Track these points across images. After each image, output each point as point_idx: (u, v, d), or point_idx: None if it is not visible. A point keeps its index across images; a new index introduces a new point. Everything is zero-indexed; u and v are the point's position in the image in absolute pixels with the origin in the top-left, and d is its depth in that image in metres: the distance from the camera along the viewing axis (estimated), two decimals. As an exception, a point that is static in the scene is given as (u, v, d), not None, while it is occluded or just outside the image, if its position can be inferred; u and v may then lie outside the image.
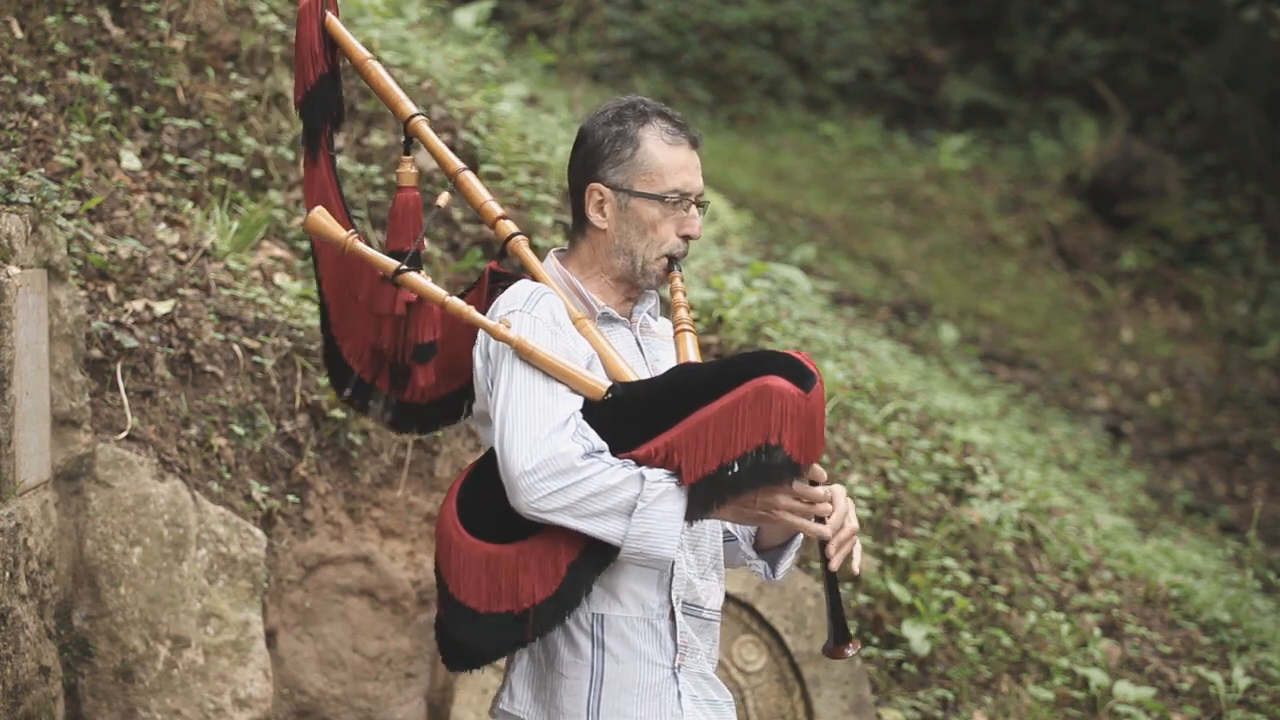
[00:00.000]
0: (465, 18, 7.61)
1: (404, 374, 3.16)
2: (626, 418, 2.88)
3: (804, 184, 12.22)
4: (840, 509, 2.94)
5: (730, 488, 2.85)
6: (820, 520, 2.93)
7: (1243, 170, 13.42)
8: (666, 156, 3.04)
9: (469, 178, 3.20)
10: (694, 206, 3.07)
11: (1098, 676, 5.34)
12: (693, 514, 2.87)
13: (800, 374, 2.86)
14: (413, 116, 3.21)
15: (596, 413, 2.89)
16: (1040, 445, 8.18)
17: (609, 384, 2.91)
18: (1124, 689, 5.34)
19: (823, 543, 2.95)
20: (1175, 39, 14.15)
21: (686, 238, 3.07)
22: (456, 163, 3.21)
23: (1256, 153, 13.39)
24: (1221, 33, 13.69)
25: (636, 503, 2.82)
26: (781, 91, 13.94)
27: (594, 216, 3.06)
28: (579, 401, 2.89)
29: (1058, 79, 14.46)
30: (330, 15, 3.22)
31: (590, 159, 3.07)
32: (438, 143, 3.21)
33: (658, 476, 2.84)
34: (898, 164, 13.17)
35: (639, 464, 2.84)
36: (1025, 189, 13.17)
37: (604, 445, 2.85)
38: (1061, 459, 8.28)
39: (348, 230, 3.08)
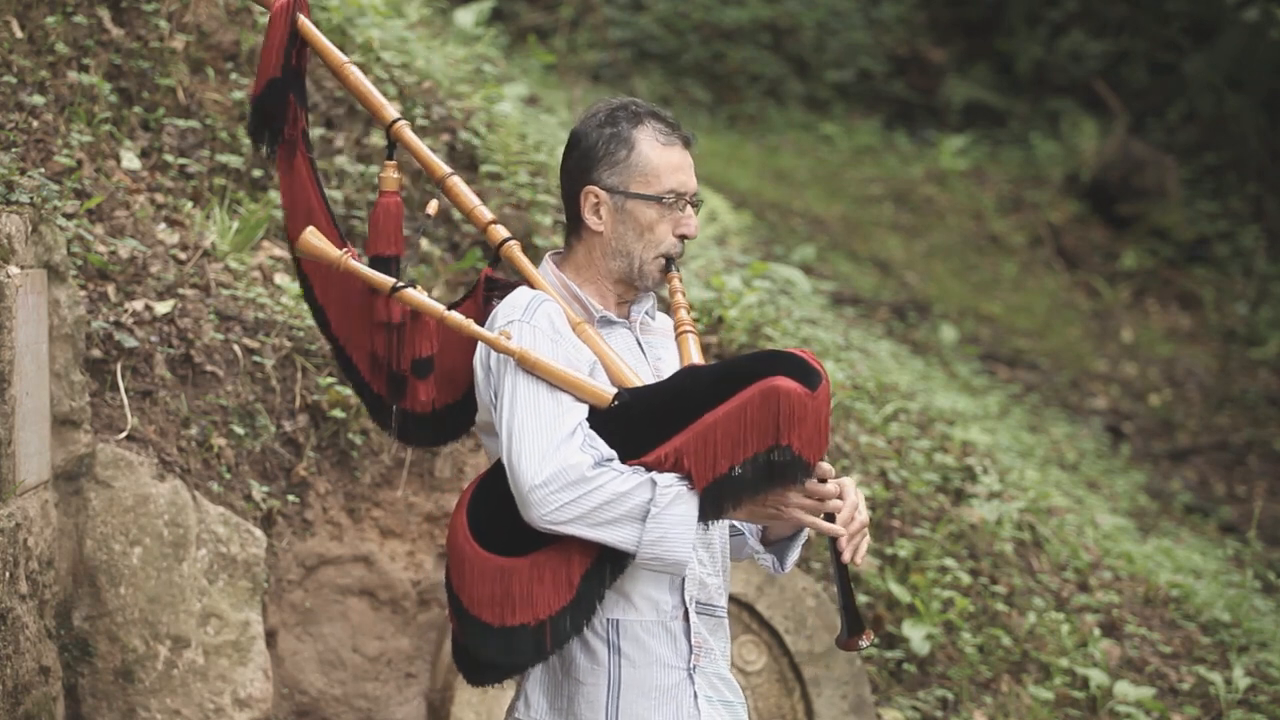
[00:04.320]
0: (465, 18, 7.61)
1: (401, 382, 3.14)
2: (634, 424, 2.88)
3: (804, 184, 12.21)
4: (850, 501, 2.95)
5: (741, 490, 2.86)
6: (830, 517, 2.94)
7: (1243, 170, 13.42)
8: (661, 157, 3.03)
9: (456, 183, 3.17)
10: (689, 206, 3.07)
11: (1098, 676, 5.34)
12: (705, 516, 2.87)
13: (806, 372, 2.87)
14: (395, 122, 3.16)
15: (603, 420, 2.89)
16: (1040, 445, 8.18)
17: (614, 391, 2.91)
18: (1124, 689, 5.34)
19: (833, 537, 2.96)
20: (1175, 39, 14.15)
21: (683, 237, 3.07)
22: (443, 168, 3.18)
23: (1256, 153, 13.38)
24: (1221, 33, 13.69)
25: (649, 508, 2.82)
26: (781, 91, 13.93)
27: (590, 219, 3.05)
28: (585, 410, 2.89)
29: (1058, 79, 14.45)
30: (303, 18, 3.14)
31: (584, 161, 3.06)
32: (422, 148, 3.17)
33: (669, 481, 2.84)
34: (898, 164, 13.17)
35: (649, 470, 2.84)
36: (1025, 189, 13.17)
37: (613, 453, 2.85)
38: (1061, 459, 8.28)
39: (341, 249, 3.05)
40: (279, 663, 4.50)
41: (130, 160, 4.75)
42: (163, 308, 4.37)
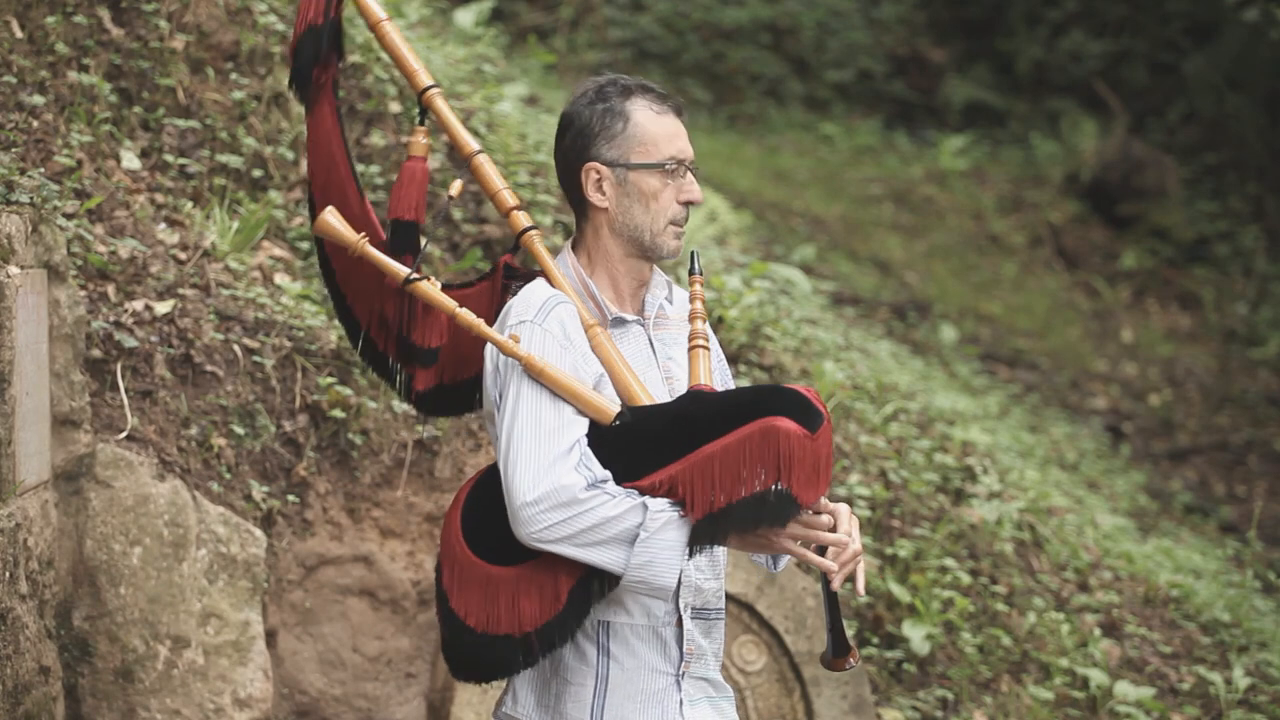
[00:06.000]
0: (465, 18, 7.61)
1: (409, 348, 3.11)
2: (633, 445, 2.87)
3: (804, 184, 12.21)
4: (843, 528, 2.94)
5: (731, 525, 2.86)
6: (822, 550, 2.93)
7: (1243, 170, 13.42)
8: (657, 125, 3.02)
9: (483, 162, 3.11)
10: (689, 172, 3.05)
11: (1098, 676, 5.34)
12: (695, 544, 2.87)
13: (808, 413, 2.86)
14: (428, 89, 3.11)
15: (603, 437, 2.88)
16: (1040, 445, 8.19)
17: (618, 408, 2.90)
18: (1124, 689, 5.34)
19: None
20: (1175, 39, 14.15)
21: (688, 203, 3.04)
22: (473, 144, 3.11)
23: (1256, 153, 13.39)
24: (1221, 33, 13.69)
25: (639, 532, 2.82)
26: (781, 91, 13.94)
27: (593, 196, 3.02)
28: (585, 425, 2.88)
29: (1058, 79, 14.45)
30: None
31: (581, 140, 3.03)
32: (454, 121, 3.10)
33: (660, 506, 2.83)
34: (898, 164, 13.17)
35: (642, 494, 2.84)
36: (1025, 189, 13.17)
37: (607, 475, 2.85)
38: (1061, 459, 8.28)
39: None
40: (279, 663, 4.50)
41: (130, 160, 4.75)
42: (163, 308, 4.37)
